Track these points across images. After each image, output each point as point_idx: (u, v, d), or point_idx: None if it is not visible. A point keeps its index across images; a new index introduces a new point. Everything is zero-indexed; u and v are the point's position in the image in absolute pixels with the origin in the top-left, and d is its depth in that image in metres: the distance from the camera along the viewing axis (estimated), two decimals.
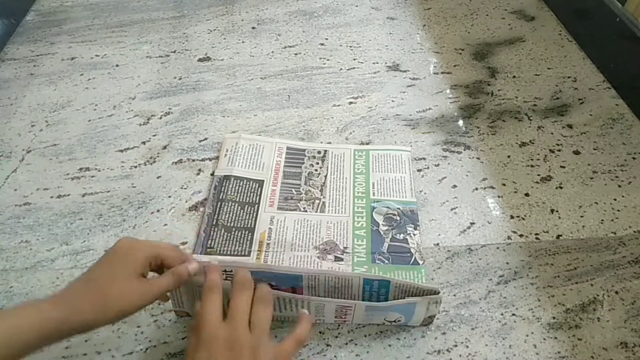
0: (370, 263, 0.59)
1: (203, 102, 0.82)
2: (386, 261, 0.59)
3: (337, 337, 0.53)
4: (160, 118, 0.79)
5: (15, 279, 0.59)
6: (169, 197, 0.67)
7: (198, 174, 0.70)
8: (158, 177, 0.70)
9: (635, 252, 0.61)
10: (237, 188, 0.66)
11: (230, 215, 0.63)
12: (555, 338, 0.53)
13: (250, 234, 0.62)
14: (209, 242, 0.61)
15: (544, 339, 0.53)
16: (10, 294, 0.57)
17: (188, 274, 0.45)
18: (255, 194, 0.66)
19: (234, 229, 0.62)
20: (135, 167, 0.71)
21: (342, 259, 0.60)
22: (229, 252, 0.60)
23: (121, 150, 0.74)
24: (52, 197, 0.68)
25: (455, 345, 0.53)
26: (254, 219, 0.63)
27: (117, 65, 0.89)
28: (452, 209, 0.66)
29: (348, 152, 0.72)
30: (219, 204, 0.65)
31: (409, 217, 0.64)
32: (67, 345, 0.53)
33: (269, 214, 0.64)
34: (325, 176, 0.69)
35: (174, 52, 0.92)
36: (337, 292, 0.51)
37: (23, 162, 0.72)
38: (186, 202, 0.67)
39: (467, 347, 0.53)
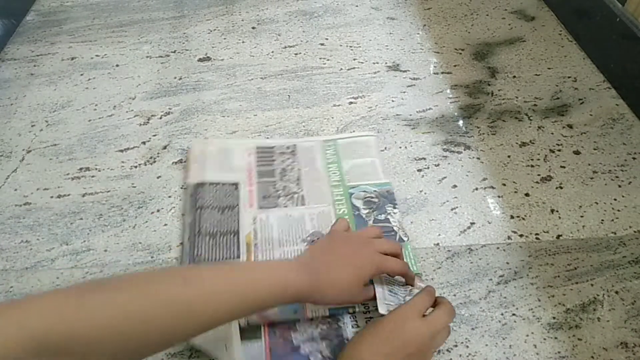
0: None
1: (203, 102, 0.82)
2: None
3: None
4: (161, 118, 0.79)
5: (15, 278, 0.59)
6: (169, 197, 0.67)
7: None
8: (158, 177, 0.70)
9: (635, 252, 0.61)
10: (213, 193, 0.65)
11: (212, 221, 0.62)
12: (556, 338, 0.53)
13: (235, 237, 0.61)
14: (196, 251, 0.59)
15: (544, 339, 0.53)
16: (11, 293, 0.57)
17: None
18: (232, 197, 0.65)
19: (218, 235, 0.61)
20: (136, 167, 0.71)
21: None
22: (217, 259, 0.58)
23: (121, 150, 0.74)
24: (52, 197, 0.68)
25: (455, 345, 0.53)
26: (236, 221, 0.62)
27: (117, 65, 0.89)
28: (452, 209, 0.66)
29: (316, 144, 0.73)
30: (197, 211, 0.63)
31: (386, 197, 0.65)
32: None
33: (251, 215, 0.63)
34: (299, 170, 0.69)
35: (174, 52, 0.92)
36: None
37: (23, 162, 0.72)
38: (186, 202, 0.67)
39: (467, 347, 0.53)
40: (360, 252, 0.49)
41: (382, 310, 0.48)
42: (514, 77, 0.86)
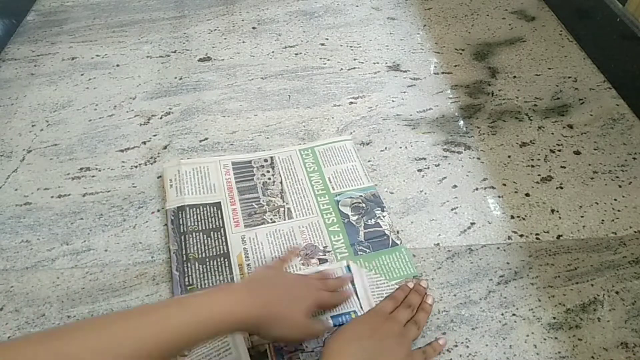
0: (353, 256, 0.60)
1: (203, 102, 0.82)
2: (367, 250, 0.60)
3: None
4: (161, 118, 0.79)
5: (16, 278, 0.59)
6: None
7: None
8: (159, 177, 0.70)
9: (635, 252, 0.61)
10: (195, 217, 0.62)
11: (199, 246, 0.60)
12: (556, 338, 0.53)
13: (226, 259, 0.59)
14: (187, 280, 0.57)
15: (544, 339, 0.53)
16: (11, 293, 0.57)
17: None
18: (216, 218, 0.63)
19: (207, 259, 0.58)
20: (136, 167, 0.71)
21: (325, 260, 0.59)
22: (210, 284, 0.57)
23: (122, 150, 0.74)
24: (52, 196, 0.68)
25: (456, 346, 0.53)
26: (224, 243, 0.60)
27: (117, 65, 0.89)
28: (452, 209, 0.66)
29: (294, 153, 0.72)
30: (182, 237, 0.60)
31: (373, 201, 0.65)
32: None
33: (239, 235, 0.61)
34: (281, 182, 0.67)
35: (175, 52, 0.92)
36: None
37: (24, 162, 0.72)
38: None
39: (468, 347, 0.53)
40: (301, 287, 0.50)
41: None
42: (515, 77, 0.86)
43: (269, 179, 0.68)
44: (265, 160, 0.70)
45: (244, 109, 0.80)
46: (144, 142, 0.75)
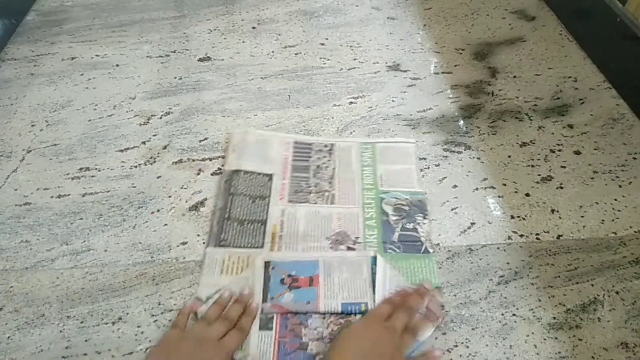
0: (382, 252, 0.60)
1: (203, 102, 0.82)
2: (397, 250, 0.60)
3: None
4: (161, 118, 0.79)
5: (16, 278, 0.59)
6: (169, 197, 0.67)
7: (198, 174, 0.70)
8: (158, 177, 0.70)
9: (635, 252, 0.60)
10: (247, 182, 0.67)
11: (242, 208, 0.64)
12: (556, 338, 0.53)
13: (262, 226, 0.62)
14: (222, 235, 0.61)
15: (545, 339, 0.53)
16: (11, 293, 0.57)
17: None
18: (265, 188, 0.66)
19: (246, 222, 0.62)
20: (136, 167, 0.71)
21: (354, 249, 0.60)
22: (242, 245, 0.60)
23: (121, 150, 0.74)
24: (52, 197, 0.68)
25: (456, 346, 0.53)
26: (265, 212, 0.64)
27: (117, 65, 0.89)
28: (452, 209, 0.66)
29: (354, 145, 0.73)
30: (230, 197, 0.65)
31: (417, 206, 0.65)
32: (67, 345, 0.53)
33: (280, 207, 0.65)
34: (334, 169, 0.69)
35: (174, 52, 0.92)
36: (350, 277, 0.57)
37: (23, 162, 0.72)
38: (186, 202, 0.67)
39: (468, 347, 0.52)
40: (201, 353, 0.49)
41: None
42: (515, 77, 0.86)
43: (324, 163, 0.70)
44: (325, 146, 0.73)
45: (243, 108, 0.80)
46: (144, 142, 0.75)
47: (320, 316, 0.54)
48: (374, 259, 0.58)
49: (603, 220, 0.64)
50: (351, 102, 0.81)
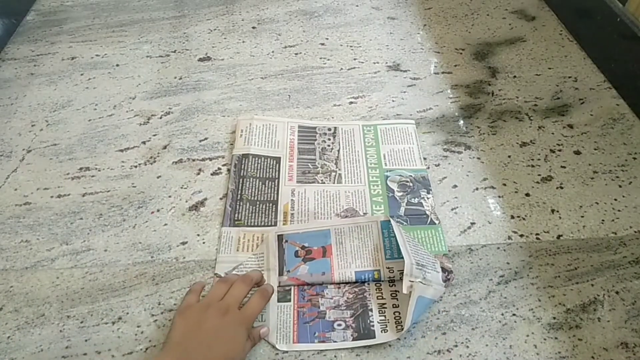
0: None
1: (203, 102, 0.82)
2: (404, 223, 0.64)
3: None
4: (161, 118, 0.79)
5: (16, 278, 0.59)
6: (169, 196, 0.67)
7: (198, 173, 0.70)
8: (158, 177, 0.70)
9: (635, 252, 0.60)
10: (256, 165, 0.69)
11: (253, 190, 0.67)
12: (556, 338, 0.53)
13: (274, 206, 0.65)
14: (236, 215, 0.64)
15: (545, 339, 0.53)
16: (11, 293, 0.57)
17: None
18: (274, 170, 0.69)
19: (258, 203, 0.65)
20: (136, 166, 0.71)
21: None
22: (255, 224, 0.63)
23: (121, 150, 0.74)
24: (52, 196, 0.68)
25: (456, 346, 0.53)
26: (275, 192, 0.67)
27: (117, 65, 0.89)
28: (452, 209, 0.66)
29: (357, 127, 0.76)
30: (240, 180, 0.68)
31: (421, 182, 0.68)
32: (68, 345, 0.53)
33: (290, 187, 0.67)
34: (338, 150, 0.72)
35: (175, 51, 0.92)
36: (361, 245, 0.60)
37: (23, 162, 0.72)
38: (186, 202, 0.67)
39: (468, 347, 0.52)
40: (226, 324, 0.49)
41: (404, 289, 0.52)
42: (515, 77, 0.86)
43: (329, 145, 0.73)
44: (329, 129, 0.76)
45: (243, 108, 0.80)
46: (144, 142, 0.75)
47: (335, 286, 0.57)
48: (384, 223, 0.60)
49: (603, 220, 0.64)
50: (351, 102, 0.81)
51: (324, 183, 0.68)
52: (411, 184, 0.68)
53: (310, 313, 0.55)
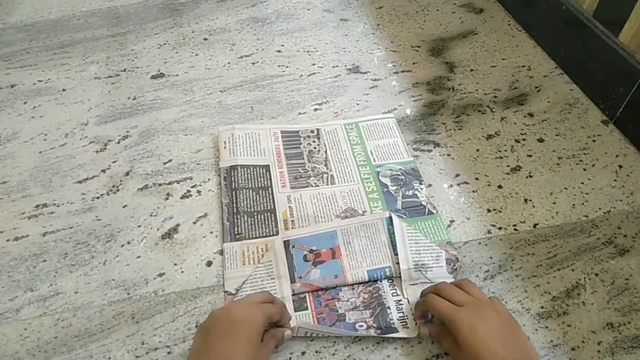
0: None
1: (162, 122, 0.78)
2: (404, 216, 0.64)
3: (334, 354, 0.52)
4: (118, 142, 0.75)
5: None
6: (139, 226, 0.64)
7: (167, 198, 0.67)
8: (124, 207, 0.66)
9: (607, 232, 0.63)
10: (246, 175, 0.68)
11: (248, 201, 0.65)
12: (546, 327, 0.54)
13: (272, 215, 0.64)
14: (236, 230, 0.62)
15: (536, 330, 0.54)
16: None
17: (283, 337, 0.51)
18: (265, 178, 0.68)
19: (255, 213, 0.64)
20: (98, 198, 0.67)
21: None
22: (257, 235, 0.62)
23: (80, 181, 0.69)
24: (8, 240, 0.62)
25: None
26: (271, 201, 0.66)
27: (63, 90, 0.84)
28: None
29: (339, 127, 0.76)
30: (233, 192, 0.66)
31: (411, 174, 0.69)
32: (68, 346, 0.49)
33: (285, 194, 0.66)
34: (325, 152, 0.72)
35: (124, 70, 0.88)
36: (370, 243, 0.60)
37: None
38: (158, 230, 0.63)
39: None
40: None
41: (406, 295, 0.55)
42: (472, 70, 0.87)
43: (315, 148, 0.73)
44: (312, 132, 0.75)
45: (206, 125, 0.77)
46: (103, 170, 0.71)
47: (349, 287, 0.57)
48: (389, 219, 0.61)
49: (574, 204, 0.66)
50: (316, 109, 0.80)
51: (318, 186, 0.68)
52: (403, 177, 0.68)
53: (330, 317, 0.54)
